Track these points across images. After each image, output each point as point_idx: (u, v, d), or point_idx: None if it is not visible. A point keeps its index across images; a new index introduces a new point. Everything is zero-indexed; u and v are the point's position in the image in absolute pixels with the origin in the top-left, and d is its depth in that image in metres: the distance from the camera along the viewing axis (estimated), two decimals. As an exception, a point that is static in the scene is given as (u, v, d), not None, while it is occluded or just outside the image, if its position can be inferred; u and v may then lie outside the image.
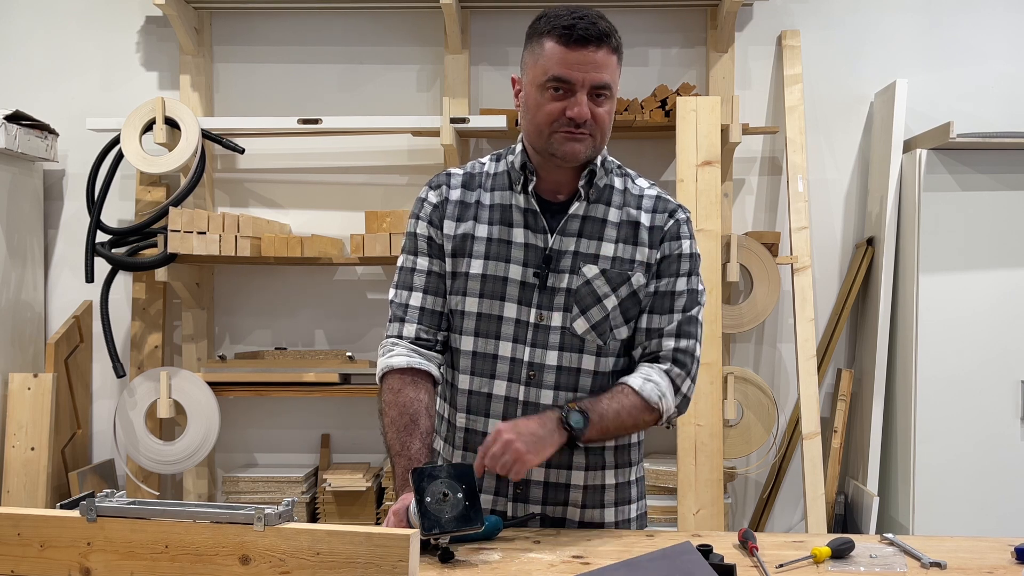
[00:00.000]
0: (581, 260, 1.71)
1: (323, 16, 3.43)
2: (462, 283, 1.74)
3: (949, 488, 3.02)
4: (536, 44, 1.67)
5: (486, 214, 1.75)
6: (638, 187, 1.79)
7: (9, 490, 3.09)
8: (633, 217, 1.75)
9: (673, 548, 1.45)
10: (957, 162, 3.03)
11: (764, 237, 3.25)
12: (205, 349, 3.40)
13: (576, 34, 1.61)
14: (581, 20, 1.62)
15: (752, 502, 3.44)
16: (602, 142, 1.71)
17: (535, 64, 1.67)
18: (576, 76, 1.62)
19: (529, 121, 1.70)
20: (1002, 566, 1.51)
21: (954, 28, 3.37)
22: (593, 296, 1.71)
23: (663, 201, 1.78)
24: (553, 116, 1.65)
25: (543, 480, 1.74)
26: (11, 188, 3.23)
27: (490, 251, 1.73)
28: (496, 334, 1.72)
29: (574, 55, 1.62)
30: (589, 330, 1.71)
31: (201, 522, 1.37)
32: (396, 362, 1.73)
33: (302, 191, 3.46)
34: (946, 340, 3.03)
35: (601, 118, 1.67)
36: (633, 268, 1.73)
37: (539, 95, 1.66)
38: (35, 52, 3.47)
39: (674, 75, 3.38)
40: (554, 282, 1.71)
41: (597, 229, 1.73)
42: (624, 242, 1.73)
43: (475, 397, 1.74)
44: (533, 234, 1.73)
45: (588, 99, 1.64)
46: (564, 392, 1.72)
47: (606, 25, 1.64)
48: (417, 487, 1.52)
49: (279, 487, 3.24)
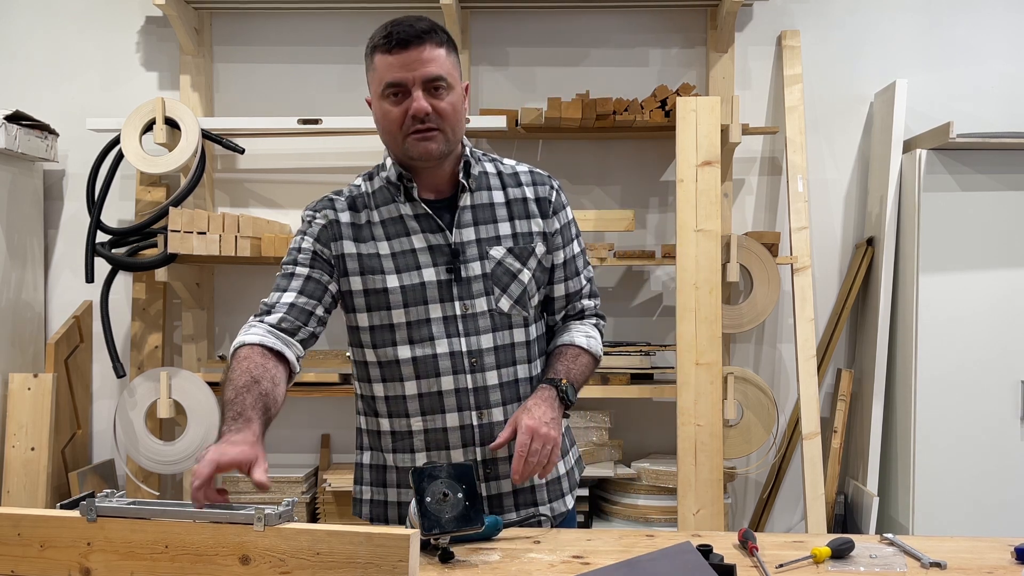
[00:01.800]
0: (486, 245, 1.81)
1: (323, 16, 3.43)
2: (383, 298, 1.79)
3: (949, 488, 3.02)
4: (369, 63, 1.78)
5: (381, 230, 1.82)
6: (508, 167, 1.91)
7: (9, 490, 3.09)
8: (518, 195, 1.87)
9: (673, 548, 1.45)
10: (957, 162, 3.03)
11: (764, 237, 3.25)
12: (205, 349, 3.40)
13: (395, 39, 1.71)
14: (398, 26, 1.72)
15: (752, 502, 3.44)
16: (454, 134, 1.78)
17: (373, 78, 1.77)
18: (405, 76, 1.71)
19: (383, 132, 1.79)
20: (1002, 566, 1.51)
21: (954, 28, 3.37)
22: (508, 274, 1.81)
23: (537, 175, 1.91)
24: (399, 120, 1.74)
25: (508, 455, 1.79)
26: (11, 188, 3.23)
27: (399, 264, 1.79)
28: (430, 335, 1.78)
29: (399, 58, 1.71)
30: (513, 305, 1.82)
31: (201, 522, 1.37)
32: (249, 339, 1.71)
33: (302, 191, 3.46)
34: (946, 340, 3.03)
35: (444, 110, 1.73)
36: (533, 239, 1.84)
37: (382, 105, 1.76)
38: (35, 52, 3.47)
39: (674, 75, 3.38)
40: (467, 272, 1.79)
41: (489, 213, 1.84)
42: (519, 218, 1.85)
43: (427, 399, 1.80)
44: (432, 235, 1.80)
45: (425, 95, 1.72)
46: (505, 368, 1.82)
47: (426, 24, 1.73)
48: (417, 487, 1.52)
49: (279, 487, 3.24)
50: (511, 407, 1.82)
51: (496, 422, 1.80)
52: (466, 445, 1.80)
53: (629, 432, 3.39)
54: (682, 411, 2.95)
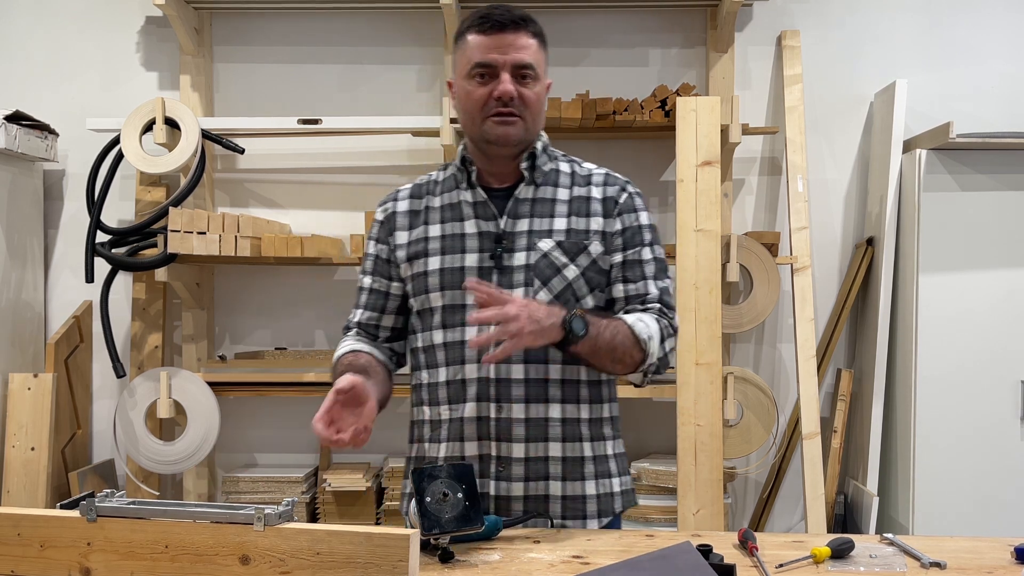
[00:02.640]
0: (536, 236, 1.77)
1: (323, 16, 3.43)
2: (422, 282, 1.80)
3: (949, 488, 3.02)
4: (460, 42, 1.78)
5: (437, 215, 1.83)
6: (585, 169, 1.88)
7: (9, 490, 3.09)
8: (583, 193, 1.82)
9: (673, 548, 1.45)
10: (957, 162, 3.03)
11: (764, 237, 3.25)
12: (205, 349, 3.40)
13: (492, 20, 1.71)
14: (496, 10, 1.73)
15: (752, 502, 3.44)
16: (534, 124, 1.77)
17: (461, 58, 1.77)
18: (497, 58, 1.71)
19: (462, 112, 1.78)
20: (1002, 566, 1.51)
21: (954, 28, 3.37)
22: (552, 267, 1.76)
23: (612, 177, 1.86)
24: (482, 100, 1.73)
25: (524, 456, 1.76)
26: (11, 188, 3.23)
27: (444, 246, 1.80)
28: (461, 322, 1.77)
29: (493, 40, 1.71)
30: (552, 301, 1.75)
31: (201, 522, 1.37)
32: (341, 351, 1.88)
33: (302, 191, 3.46)
34: (946, 340, 3.03)
35: (529, 98, 1.73)
36: (589, 237, 1.78)
37: (467, 84, 1.75)
38: (35, 52, 3.47)
39: (674, 75, 3.38)
40: (510, 261, 1.76)
41: (548, 208, 1.80)
42: (576, 215, 1.80)
43: (452, 386, 1.79)
44: (484, 222, 1.79)
45: (513, 80, 1.71)
46: (534, 364, 1.75)
47: (523, 12, 1.75)
48: (417, 487, 1.52)
49: (279, 487, 3.24)
50: (535, 406, 1.76)
51: (515, 418, 1.75)
52: (481, 439, 1.77)
53: (629, 432, 3.37)
54: (682, 411, 2.95)
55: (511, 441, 1.76)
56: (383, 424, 3.47)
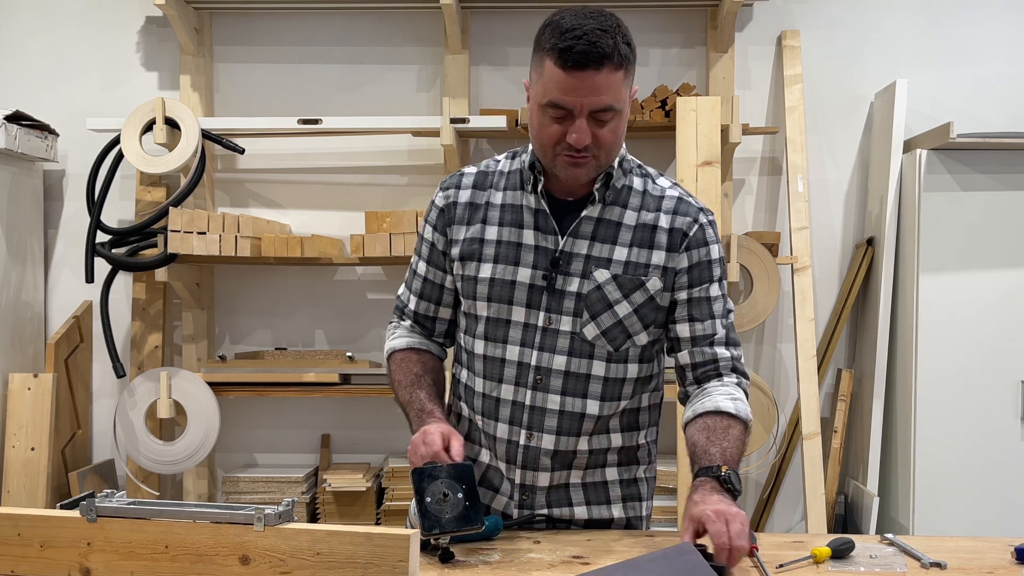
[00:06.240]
0: (593, 264, 1.66)
1: (323, 16, 3.43)
2: (471, 287, 1.73)
3: (949, 488, 3.02)
4: (539, 59, 1.60)
5: (496, 215, 1.72)
6: (659, 187, 1.73)
7: (9, 490, 3.09)
8: (650, 220, 1.68)
9: (673, 548, 1.45)
10: (957, 162, 3.03)
11: (764, 237, 3.25)
12: (205, 349, 3.40)
13: (572, 58, 1.52)
14: (579, 41, 1.51)
15: (752, 502, 3.43)
16: (608, 158, 1.64)
17: (538, 80, 1.60)
18: (574, 103, 1.55)
19: (534, 137, 1.65)
20: (1002, 566, 1.51)
21: (954, 28, 3.37)
22: (604, 302, 1.66)
23: (685, 204, 1.71)
24: (554, 139, 1.59)
25: (548, 485, 1.73)
26: (11, 188, 3.23)
27: (499, 254, 1.70)
28: (504, 338, 1.70)
29: (572, 80, 1.53)
30: (599, 336, 1.67)
31: (201, 522, 1.37)
32: (397, 344, 1.83)
33: (302, 191, 3.46)
34: (946, 340, 3.03)
35: (604, 138, 1.59)
36: (648, 273, 1.67)
37: (541, 115, 1.60)
38: (35, 52, 3.47)
39: (674, 75, 3.38)
40: (563, 285, 1.67)
41: (611, 232, 1.68)
42: (639, 246, 1.67)
43: (487, 400, 1.74)
44: (543, 235, 1.68)
45: (589, 122, 1.57)
46: (572, 398, 1.68)
47: (608, 42, 1.53)
48: (417, 487, 1.52)
49: (279, 487, 3.24)
50: (565, 439, 1.69)
51: (544, 448, 1.69)
52: (509, 462, 1.73)
53: (629, 432, 3.39)
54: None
55: (537, 470, 1.72)
56: (383, 424, 3.50)
